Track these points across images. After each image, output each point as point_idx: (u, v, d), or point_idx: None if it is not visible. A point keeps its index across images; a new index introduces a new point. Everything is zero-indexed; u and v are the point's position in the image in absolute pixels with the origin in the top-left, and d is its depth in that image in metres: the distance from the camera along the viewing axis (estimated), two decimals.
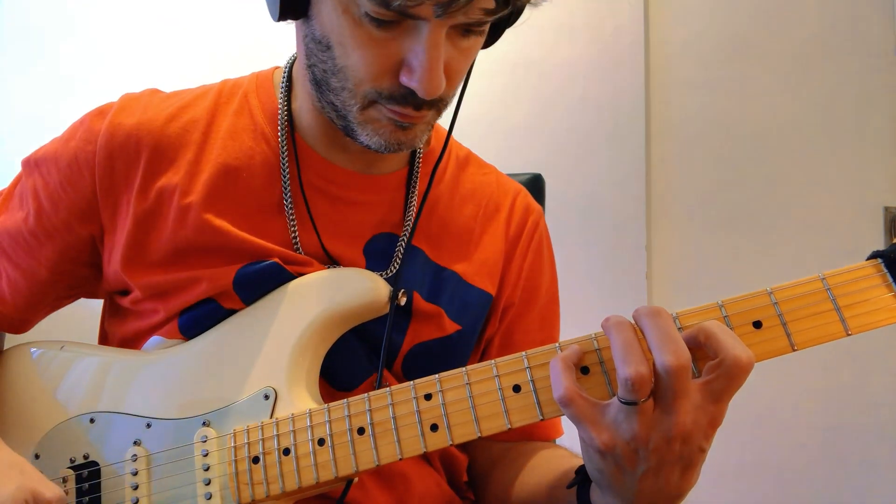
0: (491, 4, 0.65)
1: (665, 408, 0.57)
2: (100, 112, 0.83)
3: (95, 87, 2.21)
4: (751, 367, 0.57)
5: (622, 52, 1.97)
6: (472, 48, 0.72)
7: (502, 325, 0.90)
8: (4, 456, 0.73)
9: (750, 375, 0.58)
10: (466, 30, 0.68)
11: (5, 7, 2.27)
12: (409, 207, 0.85)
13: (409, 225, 0.84)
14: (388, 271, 0.81)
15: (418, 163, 0.87)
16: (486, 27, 0.71)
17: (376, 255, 0.82)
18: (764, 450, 1.87)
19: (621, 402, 0.57)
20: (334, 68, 0.71)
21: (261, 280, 0.77)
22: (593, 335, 0.63)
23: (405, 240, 0.83)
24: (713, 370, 0.57)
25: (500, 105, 1.99)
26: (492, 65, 1.98)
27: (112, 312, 0.87)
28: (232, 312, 0.78)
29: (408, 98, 0.69)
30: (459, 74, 0.73)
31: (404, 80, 0.68)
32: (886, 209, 1.83)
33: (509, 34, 0.78)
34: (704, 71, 1.96)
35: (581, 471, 0.69)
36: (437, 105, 0.73)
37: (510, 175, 1.00)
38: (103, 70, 2.23)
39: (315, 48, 0.72)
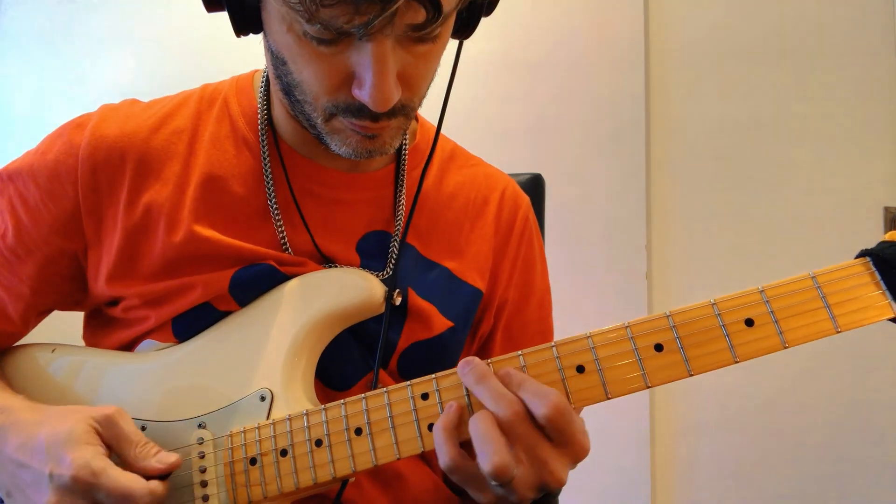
0: (419, 19, 0.62)
1: (532, 461, 0.60)
2: (78, 124, 0.80)
3: (95, 89, 2.22)
4: (565, 408, 0.59)
5: (622, 52, 1.97)
6: (430, 52, 0.68)
7: (501, 322, 0.90)
8: (52, 407, 0.73)
9: (749, 375, 0.59)
10: (416, 37, 0.65)
11: (6, 9, 2.28)
12: (399, 204, 0.84)
13: (399, 222, 0.83)
14: (385, 272, 0.81)
15: (404, 159, 0.86)
16: (438, 32, 0.66)
17: (370, 253, 0.82)
18: (763, 450, 1.87)
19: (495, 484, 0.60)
20: (293, 82, 0.70)
21: (256, 283, 0.77)
22: (588, 334, 0.64)
23: (398, 237, 0.82)
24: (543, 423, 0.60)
25: (500, 105, 2.00)
26: (492, 65, 1.99)
27: (96, 325, 0.86)
28: (226, 314, 0.77)
29: (364, 110, 0.67)
30: (422, 79, 0.70)
31: (356, 93, 0.66)
32: (886, 209, 1.82)
33: (509, 34, 0.77)
34: (704, 71, 1.96)
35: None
36: (403, 111, 0.70)
37: (510, 175, 0.99)
38: (103, 72, 2.23)
39: (275, 62, 0.71)
